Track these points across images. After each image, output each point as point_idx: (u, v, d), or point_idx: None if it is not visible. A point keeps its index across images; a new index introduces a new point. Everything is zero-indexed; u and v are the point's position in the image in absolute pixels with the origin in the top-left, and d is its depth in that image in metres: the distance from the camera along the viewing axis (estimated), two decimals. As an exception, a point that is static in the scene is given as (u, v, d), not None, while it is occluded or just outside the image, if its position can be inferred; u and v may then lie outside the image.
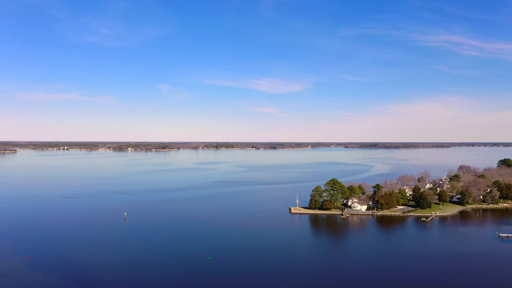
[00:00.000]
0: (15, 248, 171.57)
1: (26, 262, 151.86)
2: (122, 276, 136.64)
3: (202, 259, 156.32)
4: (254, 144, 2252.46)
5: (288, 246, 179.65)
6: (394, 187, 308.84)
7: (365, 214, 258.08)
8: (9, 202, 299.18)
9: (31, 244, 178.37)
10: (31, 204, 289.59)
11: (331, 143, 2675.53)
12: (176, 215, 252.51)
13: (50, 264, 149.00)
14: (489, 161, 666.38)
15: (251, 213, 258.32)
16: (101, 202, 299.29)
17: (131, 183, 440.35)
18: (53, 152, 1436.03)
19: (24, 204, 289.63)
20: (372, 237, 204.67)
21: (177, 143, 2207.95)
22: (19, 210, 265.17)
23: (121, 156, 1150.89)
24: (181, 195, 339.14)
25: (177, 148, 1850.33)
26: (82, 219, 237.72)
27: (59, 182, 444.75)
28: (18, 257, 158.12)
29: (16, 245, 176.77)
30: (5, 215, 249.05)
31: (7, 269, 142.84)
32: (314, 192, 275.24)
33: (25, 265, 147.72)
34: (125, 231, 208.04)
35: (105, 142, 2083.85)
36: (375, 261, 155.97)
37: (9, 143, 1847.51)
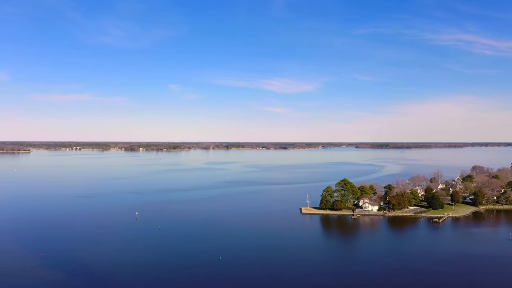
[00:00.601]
0: (29, 246, 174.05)
1: (40, 260, 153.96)
2: (134, 275, 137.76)
3: (213, 258, 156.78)
4: (264, 144, 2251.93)
5: (299, 246, 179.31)
6: (405, 187, 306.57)
7: (377, 214, 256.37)
8: (23, 202, 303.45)
9: (44, 242, 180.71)
10: (45, 204, 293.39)
11: (342, 143, 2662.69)
12: (187, 215, 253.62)
13: (63, 262, 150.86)
14: (503, 162, 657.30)
15: (261, 213, 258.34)
16: (113, 202, 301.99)
17: (143, 183, 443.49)
18: (66, 152, 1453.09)
19: (38, 204, 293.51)
20: (384, 237, 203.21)
21: (188, 143, 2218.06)
22: (33, 210, 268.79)
23: (132, 156, 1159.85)
24: (192, 195, 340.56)
25: (188, 148, 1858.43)
26: (95, 218, 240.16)
27: (72, 182, 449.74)
28: (32, 255, 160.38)
29: (30, 243, 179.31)
30: (20, 214, 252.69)
31: (21, 267, 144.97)
32: (325, 192, 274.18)
33: (39, 263, 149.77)
34: (136, 230, 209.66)
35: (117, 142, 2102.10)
36: (387, 261, 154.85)
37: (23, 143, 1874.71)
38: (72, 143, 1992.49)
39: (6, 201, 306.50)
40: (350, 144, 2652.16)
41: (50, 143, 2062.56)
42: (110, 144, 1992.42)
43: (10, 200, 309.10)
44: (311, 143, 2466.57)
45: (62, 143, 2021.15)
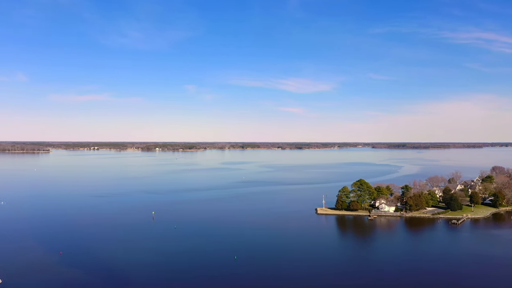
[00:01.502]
0: (48, 244, 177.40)
1: (59, 258, 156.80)
2: (150, 273, 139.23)
3: (228, 258, 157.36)
4: (280, 144, 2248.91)
5: (315, 246, 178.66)
6: (423, 188, 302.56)
7: (393, 215, 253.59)
8: (43, 201, 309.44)
9: (63, 241, 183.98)
10: (64, 203, 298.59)
11: (358, 143, 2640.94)
12: (203, 214, 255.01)
13: (81, 260, 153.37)
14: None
15: (276, 213, 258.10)
16: (130, 202, 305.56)
17: (159, 183, 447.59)
18: (84, 152, 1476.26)
19: (57, 203, 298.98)
20: (401, 238, 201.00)
21: (203, 143, 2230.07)
22: (52, 209, 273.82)
23: (149, 156, 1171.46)
24: (207, 195, 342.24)
25: (204, 148, 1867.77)
26: (112, 217, 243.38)
27: (90, 182, 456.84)
28: (51, 253, 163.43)
29: (49, 241, 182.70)
30: (40, 213, 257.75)
31: (41, 265, 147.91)
32: (340, 193, 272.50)
33: (58, 261, 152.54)
34: (153, 229, 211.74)
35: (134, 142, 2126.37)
36: (404, 262, 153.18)
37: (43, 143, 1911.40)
38: (90, 143, 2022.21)
39: (27, 200, 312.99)
40: (366, 144, 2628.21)
41: (69, 143, 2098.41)
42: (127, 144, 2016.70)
43: (30, 199, 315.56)
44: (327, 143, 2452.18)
45: (80, 143, 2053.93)
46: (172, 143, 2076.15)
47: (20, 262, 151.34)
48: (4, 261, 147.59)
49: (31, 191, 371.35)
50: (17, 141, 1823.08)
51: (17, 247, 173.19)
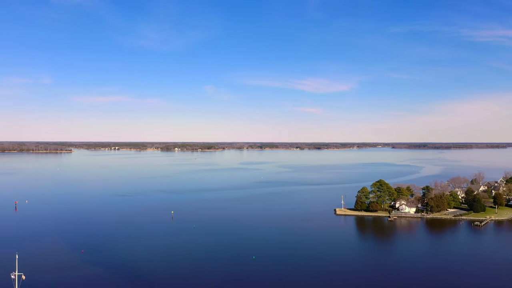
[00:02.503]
0: (70, 242, 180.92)
1: (81, 256, 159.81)
2: (169, 272, 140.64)
3: (247, 258, 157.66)
4: (298, 144, 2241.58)
5: (334, 247, 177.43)
6: (445, 189, 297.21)
7: (414, 216, 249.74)
8: (65, 200, 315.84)
9: (85, 239, 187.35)
10: (85, 202, 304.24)
11: (378, 144, 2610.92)
12: (222, 214, 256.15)
13: (102, 258, 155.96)
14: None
15: (295, 214, 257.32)
16: (150, 201, 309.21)
17: (178, 182, 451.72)
18: (105, 152, 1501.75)
19: (79, 202, 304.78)
20: (422, 240, 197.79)
21: (222, 143, 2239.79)
22: (74, 207, 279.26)
23: (168, 156, 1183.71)
24: (226, 195, 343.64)
25: (222, 148, 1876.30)
26: (132, 216, 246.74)
27: (111, 181, 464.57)
28: (73, 250, 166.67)
29: (72, 239, 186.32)
30: (62, 211, 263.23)
31: (63, 262, 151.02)
32: (360, 193, 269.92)
33: (80, 259, 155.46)
34: (172, 228, 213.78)
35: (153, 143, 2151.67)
36: (425, 264, 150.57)
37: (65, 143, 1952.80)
38: (111, 143, 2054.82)
39: (50, 199, 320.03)
40: (386, 144, 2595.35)
41: (90, 143, 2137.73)
42: (146, 144, 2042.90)
43: (53, 198, 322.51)
44: (346, 143, 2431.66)
45: (102, 143, 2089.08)
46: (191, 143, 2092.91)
47: (43, 259, 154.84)
48: (27, 257, 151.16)
49: (54, 190, 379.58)
50: (40, 141, 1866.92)
51: (40, 244, 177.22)
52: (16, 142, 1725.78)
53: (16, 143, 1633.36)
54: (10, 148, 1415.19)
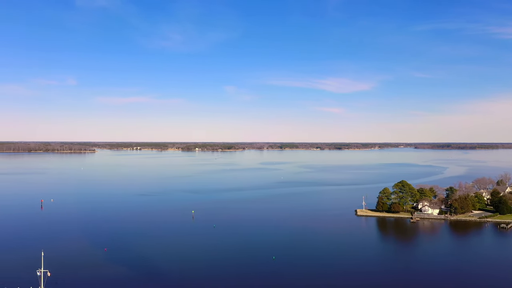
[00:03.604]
0: (94, 240, 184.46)
1: (104, 254, 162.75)
2: (189, 271, 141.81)
3: (267, 258, 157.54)
4: (318, 144, 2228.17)
5: (355, 248, 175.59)
6: (469, 190, 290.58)
7: (437, 218, 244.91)
8: (89, 199, 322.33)
9: (108, 237, 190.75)
10: (108, 201, 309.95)
11: (400, 144, 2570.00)
12: (241, 214, 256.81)
13: (124, 257, 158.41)
14: None
15: (315, 214, 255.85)
16: (171, 200, 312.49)
17: (199, 182, 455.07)
18: (127, 152, 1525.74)
19: (102, 201, 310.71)
20: (446, 242, 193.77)
21: (242, 144, 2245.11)
22: (97, 206, 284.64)
23: (189, 156, 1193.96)
24: (246, 195, 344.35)
25: (242, 148, 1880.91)
26: (153, 215, 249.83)
27: (133, 181, 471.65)
28: (97, 249, 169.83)
29: (95, 238, 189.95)
30: (86, 210, 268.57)
31: (87, 260, 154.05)
32: (381, 194, 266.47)
33: (103, 257, 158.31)
34: (192, 228, 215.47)
35: (174, 143, 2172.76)
36: (449, 266, 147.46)
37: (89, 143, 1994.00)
38: (133, 143, 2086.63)
39: (74, 198, 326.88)
40: (409, 144, 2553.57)
41: (113, 143, 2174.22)
42: (168, 144, 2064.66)
43: (77, 197, 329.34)
44: (367, 144, 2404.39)
45: (124, 143, 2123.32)
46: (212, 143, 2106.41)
47: (67, 256, 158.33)
48: (53, 255, 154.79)
49: (78, 189, 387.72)
50: (65, 141, 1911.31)
51: (65, 242, 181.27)
52: (42, 142, 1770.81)
53: (42, 143, 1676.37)
54: (36, 148, 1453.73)
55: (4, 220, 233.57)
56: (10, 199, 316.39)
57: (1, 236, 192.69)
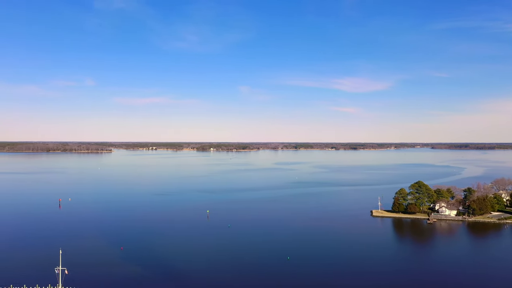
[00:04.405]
0: (110, 239, 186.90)
1: (120, 252, 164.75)
2: (204, 269, 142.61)
3: (281, 258, 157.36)
4: (334, 144, 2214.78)
5: (370, 249, 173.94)
6: (488, 191, 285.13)
7: (455, 219, 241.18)
8: (105, 198, 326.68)
9: (124, 236, 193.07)
10: (124, 200, 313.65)
11: (416, 144, 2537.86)
12: (256, 214, 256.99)
13: (140, 256, 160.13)
14: None
15: (330, 215, 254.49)
16: (186, 200, 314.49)
17: (213, 182, 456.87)
18: (143, 152, 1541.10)
19: (118, 200, 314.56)
20: (464, 244, 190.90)
21: (257, 144, 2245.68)
22: (114, 205, 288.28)
23: (204, 156, 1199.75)
24: (260, 195, 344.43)
25: (257, 149, 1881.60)
26: (169, 215, 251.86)
27: (148, 180, 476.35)
28: (113, 248, 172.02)
29: (111, 236, 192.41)
30: (102, 209, 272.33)
31: (104, 259, 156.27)
32: (397, 195, 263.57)
33: (119, 256, 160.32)
34: (207, 228, 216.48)
35: (189, 143, 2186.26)
36: (467, 268, 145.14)
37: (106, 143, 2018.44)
38: (149, 143, 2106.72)
39: (91, 197, 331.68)
40: (425, 144, 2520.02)
41: (129, 143, 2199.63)
42: (183, 144, 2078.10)
43: (94, 196, 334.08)
44: (383, 144, 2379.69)
45: (140, 143, 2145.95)
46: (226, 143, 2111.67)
47: (84, 254, 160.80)
48: (70, 253, 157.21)
49: (95, 188, 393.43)
50: (83, 141, 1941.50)
51: (82, 240, 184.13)
52: (60, 142, 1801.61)
53: (60, 143, 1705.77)
54: (54, 148, 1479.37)
55: (23, 218, 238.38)
56: (30, 198, 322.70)
57: (21, 234, 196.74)
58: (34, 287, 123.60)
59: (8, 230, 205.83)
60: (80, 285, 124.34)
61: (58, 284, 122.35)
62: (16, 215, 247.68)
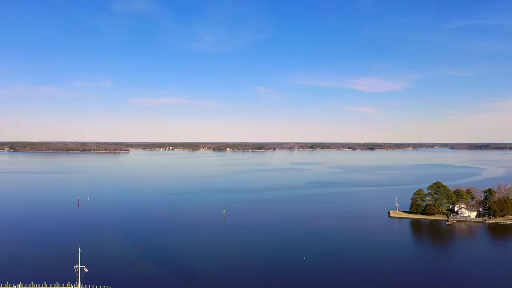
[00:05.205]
0: (128, 238, 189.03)
1: (137, 251, 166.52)
2: (220, 269, 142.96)
3: (297, 259, 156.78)
4: (350, 144, 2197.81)
5: (388, 250, 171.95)
6: (509, 192, 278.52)
7: (475, 221, 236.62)
8: (123, 197, 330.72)
9: (141, 235, 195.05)
10: (142, 199, 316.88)
11: (435, 144, 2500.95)
12: (272, 214, 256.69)
13: (157, 255, 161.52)
14: None
15: (347, 215, 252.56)
16: (202, 200, 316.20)
17: (230, 182, 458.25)
18: (159, 152, 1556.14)
19: (135, 199, 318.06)
20: (484, 246, 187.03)
21: (273, 144, 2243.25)
22: (131, 205, 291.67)
23: (220, 156, 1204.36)
24: (276, 195, 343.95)
25: (273, 149, 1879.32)
26: (186, 214, 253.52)
27: (165, 180, 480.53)
28: (131, 246, 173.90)
29: (129, 235, 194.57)
30: (121, 208, 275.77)
31: (122, 258, 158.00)
32: (415, 196, 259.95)
33: (136, 254, 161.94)
34: (223, 227, 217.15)
35: (206, 143, 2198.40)
36: (488, 271, 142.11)
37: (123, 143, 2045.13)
38: (166, 143, 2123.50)
39: (109, 196, 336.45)
40: (444, 144, 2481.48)
41: (146, 143, 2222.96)
42: (199, 144, 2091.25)
43: (112, 196, 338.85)
44: (400, 144, 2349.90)
45: (157, 144, 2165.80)
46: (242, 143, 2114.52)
47: (103, 253, 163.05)
48: (89, 251, 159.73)
49: (113, 188, 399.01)
50: (101, 142, 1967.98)
51: (101, 239, 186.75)
52: (79, 143, 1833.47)
53: (79, 143, 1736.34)
54: (73, 148, 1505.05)
55: (44, 217, 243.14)
56: (50, 197, 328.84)
57: (41, 232, 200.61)
58: (54, 284, 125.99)
59: (29, 228, 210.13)
60: (98, 283, 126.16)
61: (78, 282, 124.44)
62: (36, 214, 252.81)
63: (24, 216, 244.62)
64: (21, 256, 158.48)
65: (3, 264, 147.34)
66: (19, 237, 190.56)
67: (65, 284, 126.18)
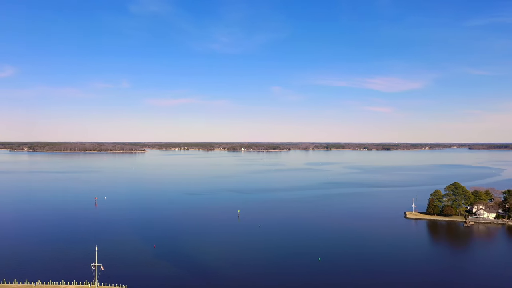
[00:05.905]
0: (144, 237, 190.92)
1: (153, 250, 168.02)
2: (235, 268, 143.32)
3: (312, 259, 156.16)
4: (366, 144, 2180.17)
5: (404, 252, 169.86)
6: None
7: (494, 222, 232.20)
8: (139, 196, 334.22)
9: (156, 234, 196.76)
10: (157, 199, 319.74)
11: (453, 144, 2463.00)
12: (287, 214, 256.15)
13: (172, 254, 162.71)
14: None
15: (362, 216, 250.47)
16: (217, 200, 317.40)
17: (245, 182, 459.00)
18: (175, 152, 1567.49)
19: (151, 199, 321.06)
20: (503, 248, 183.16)
21: (287, 144, 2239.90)
22: (147, 204, 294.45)
23: (234, 156, 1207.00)
24: (291, 195, 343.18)
25: (288, 149, 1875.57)
26: (201, 214, 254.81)
27: (181, 180, 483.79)
28: (146, 245, 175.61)
29: (145, 234, 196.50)
30: (136, 207, 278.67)
31: (138, 256, 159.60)
32: (432, 197, 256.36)
33: (152, 253, 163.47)
34: (238, 227, 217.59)
35: (221, 143, 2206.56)
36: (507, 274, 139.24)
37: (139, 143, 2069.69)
38: (181, 144, 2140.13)
39: (125, 196, 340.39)
40: (462, 145, 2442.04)
41: (162, 144, 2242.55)
42: (214, 144, 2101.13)
43: (128, 195, 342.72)
44: (417, 144, 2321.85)
45: (172, 144, 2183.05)
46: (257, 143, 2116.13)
47: (119, 252, 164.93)
48: (105, 250, 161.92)
49: (129, 187, 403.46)
50: (117, 142, 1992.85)
51: (116, 238, 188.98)
52: (96, 143, 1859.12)
53: (96, 143, 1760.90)
54: (91, 148, 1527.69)
55: (61, 216, 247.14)
56: (68, 196, 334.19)
57: (59, 230, 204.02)
58: (71, 282, 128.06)
59: (47, 226, 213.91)
60: (115, 282, 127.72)
61: (95, 279, 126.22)
62: (54, 212, 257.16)
63: (42, 215, 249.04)
64: (40, 253, 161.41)
65: (23, 261, 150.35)
66: (38, 235, 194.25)
67: (82, 282, 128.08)
